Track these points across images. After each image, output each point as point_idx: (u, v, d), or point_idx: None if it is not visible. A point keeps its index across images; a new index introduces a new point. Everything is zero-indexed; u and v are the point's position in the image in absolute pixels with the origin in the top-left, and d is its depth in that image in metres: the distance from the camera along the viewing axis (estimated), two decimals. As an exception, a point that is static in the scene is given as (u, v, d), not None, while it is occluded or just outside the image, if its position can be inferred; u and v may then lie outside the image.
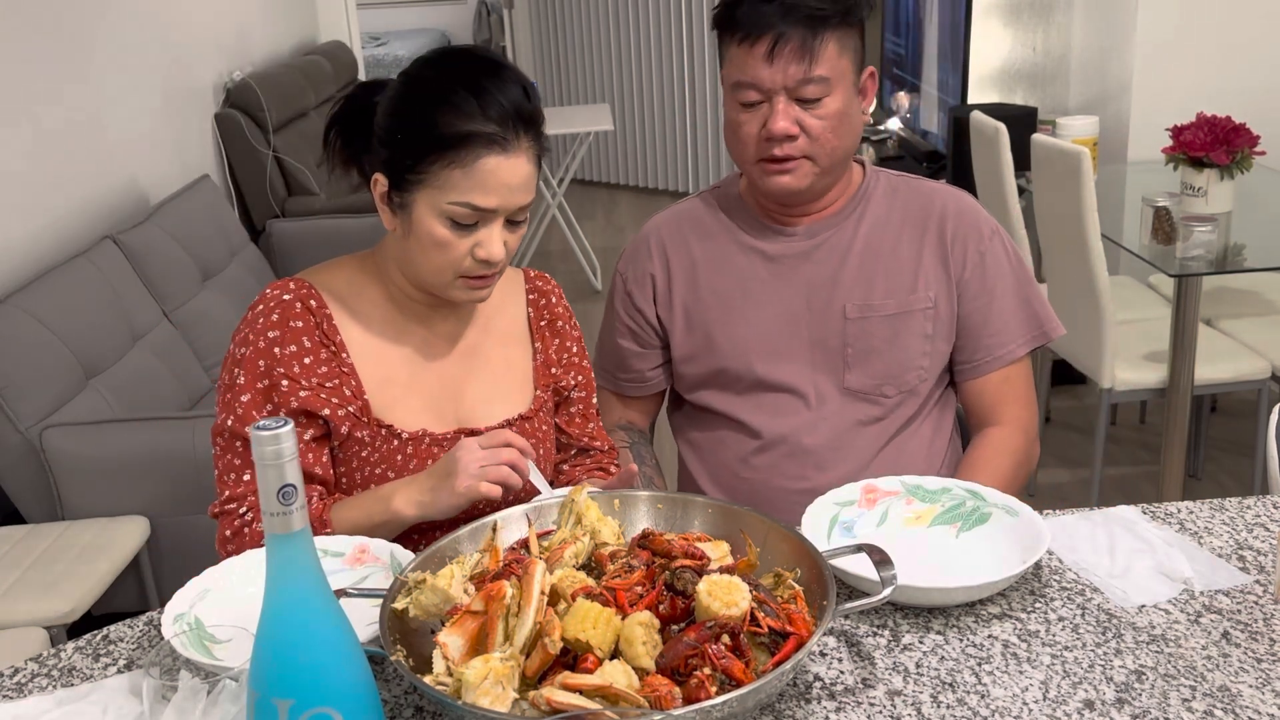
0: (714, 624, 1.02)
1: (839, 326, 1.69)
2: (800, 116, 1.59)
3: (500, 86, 1.38)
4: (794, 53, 1.56)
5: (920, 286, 1.69)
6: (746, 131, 1.63)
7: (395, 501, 1.40)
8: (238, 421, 1.43)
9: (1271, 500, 1.46)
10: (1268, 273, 3.26)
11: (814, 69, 1.57)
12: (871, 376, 1.70)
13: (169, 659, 1.02)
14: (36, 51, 3.25)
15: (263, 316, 1.45)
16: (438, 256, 1.41)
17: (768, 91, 1.59)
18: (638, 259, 1.81)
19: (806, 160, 1.62)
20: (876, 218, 1.72)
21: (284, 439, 0.85)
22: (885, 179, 1.76)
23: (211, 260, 3.77)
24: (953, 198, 1.74)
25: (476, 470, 1.35)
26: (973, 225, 1.71)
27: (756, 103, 1.60)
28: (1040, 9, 4.62)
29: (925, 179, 1.78)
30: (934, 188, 1.75)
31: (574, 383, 1.64)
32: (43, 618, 2.28)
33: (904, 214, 1.72)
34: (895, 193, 1.74)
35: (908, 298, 1.69)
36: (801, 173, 1.63)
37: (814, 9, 1.56)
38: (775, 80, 1.57)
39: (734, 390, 1.74)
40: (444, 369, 1.54)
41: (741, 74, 1.60)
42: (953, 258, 1.70)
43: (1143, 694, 1.11)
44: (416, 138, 1.38)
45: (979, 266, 1.69)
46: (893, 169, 1.81)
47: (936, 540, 1.38)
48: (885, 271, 1.69)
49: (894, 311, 1.68)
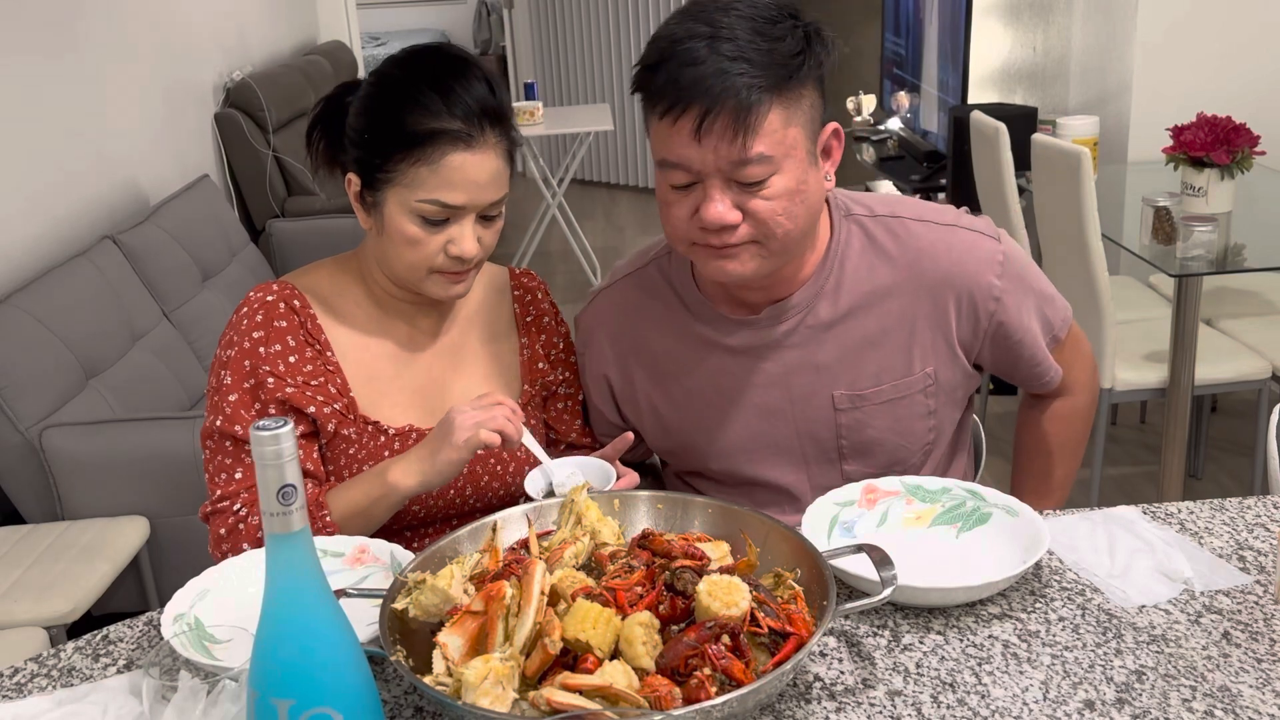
0: (714, 624, 1.02)
1: (828, 417, 1.49)
2: (740, 200, 1.32)
3: (465, 84, 1.40)
4: (725, 131, 1.27)
5: (916, 365, 1.47)
6: (676, 214, 1.35)
7: (392, 474, 1.40)
8: (226, 421, 1.44)
9: (1271, 500, 1.46)
10: (1268, 273, 3.26)
11: (751, 147, 1.28)
12: (872, 466, 1.52)
13: (169, 659, 1.02)
14: (37, 51, 3.25)
15: (247, 318, 1.46)
16: (410, 254, 1.42)
17: (698, 174, 1.31)
18: (589, 353, 1.60)
19: (753, 244, 1.35)
20: (855, 287, 1.46)
21: (284, 439, 0.85)
22: (860, 231, 1.47)
23: (211, 260, 3.77)
24: (945, 248, 1.45)
25: (473, 424, 1.35)
26: (977, 276, 1.45)
27: (687, 184, 1.33)
28: (1040, 9, 4.62)
29: (903, 216, 1.48)
30: (922, 236, 1.46)
31: (561, 379, 1.64)
32: (43, 618, 2.27)
33: (891, 278, 1.46)
34: (876, 248, 1.47)
35: (902, 380, 1.48)
36: (746, 257, 1.36)
37: (748, 78, 1.26)
38: (706, 162, 1.29)
39: (727, 484, 1.58)
40: (429, 365, 1.55)
41: (666, 152, 1.32)
42: (962, 320, 1.47)
43: (1143, 694, 1.11)
44: (384, 137, 1.40)
45: (997, 314, 1.47)
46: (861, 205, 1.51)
47: (936, 540, 1.38)
48: (874, 352, 1.47)
49: (889, 398, 1.48)
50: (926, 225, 1.48)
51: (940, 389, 1.51)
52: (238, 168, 4.66)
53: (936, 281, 1.45)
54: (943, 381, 1.50)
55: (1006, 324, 1.49)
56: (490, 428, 1.35)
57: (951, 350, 1.49)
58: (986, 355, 1.52)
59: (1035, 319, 1.52)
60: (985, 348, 1.51)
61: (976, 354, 1.52)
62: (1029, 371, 1.57)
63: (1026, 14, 4.66)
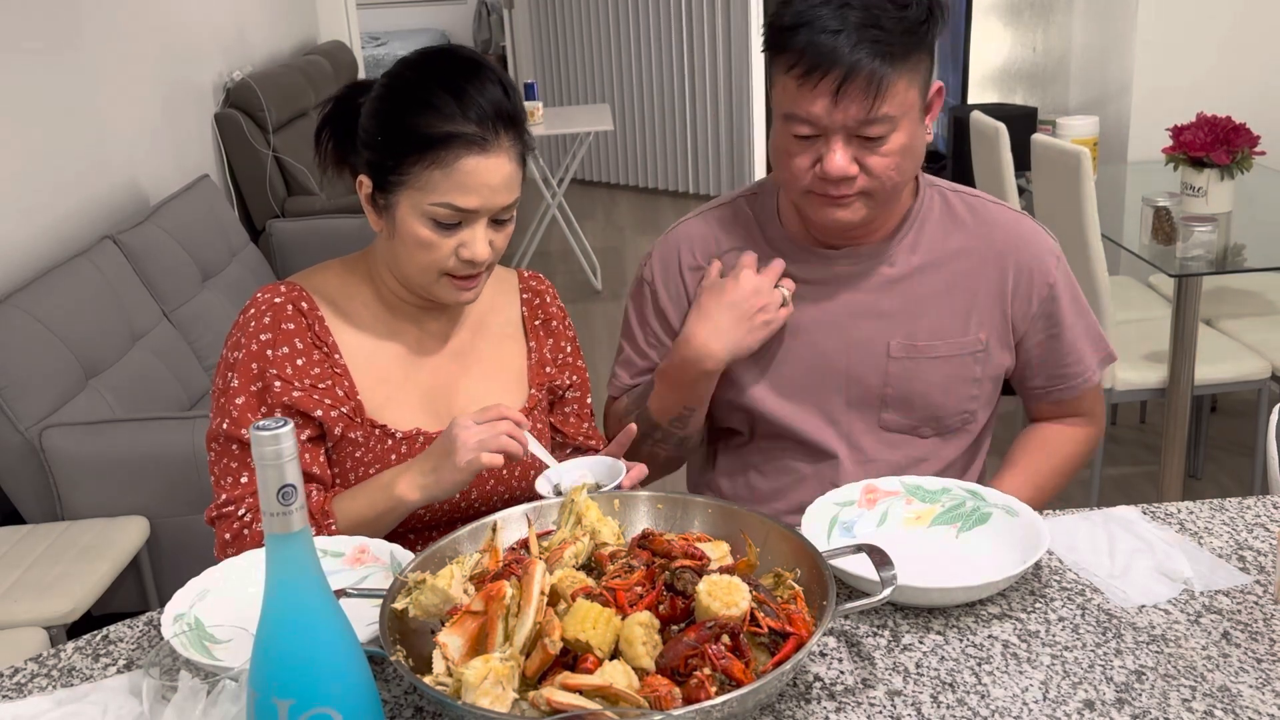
0: (714, 624, 1.02)
1: (880, 364, 1.57)
2: (860, 154, 1.42)
3: (479, 87, 1.39)
4: (857, 94, 1.37)
5: (973, 327, 1.56)
6: (797, 163, 1.45)
7: (398, 488, 1.40)
8: (232, 425, 1.43)
9: (1271, 500, 1.46)
10: (1268, 273, 3.26)
11: (879, 109, 1.38)
12: (909, 418, 1.59)
13: (169, 659, 1.02)
14: (36, 51, 3.25)
15: (254, 320, 1.45)
16: (422, 256, 1.42)
17: (824, 129, 1.41)
18: (669, 273, 1.65)
19: (864, 195, 1.46)
20: (930, 246, 1.57)
21: (284, 439, 0.85)
22: (941, 198, 1.59)
23: (211, 260, 3.77)
24: (1014, 224, 1.58)
25: (475, 443, 1.35)
26: (1038, 257, 1.57)
27: (810, 136, 1.42)
28: (1040, 9, 4.62)
29: (982, 195, 1.62)
30: (996, 213, 1.59)
31: (569, 382, 1.64)
32: (43, 618, 2.27)
33: (963, 243, 1.57)
34: (952, 215, 1.58)
35: (959, 340, 1.56)
36: (858, 206, 1.47)
37: (884, 45, 1.36)
38: (835, 120, 1.39)
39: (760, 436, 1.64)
40: (437, 368, 1.54)
41: (794, 107, 1.41)
42: (1018, 294, 1.57)
43: (1143, 694, 1.11)
44: (397, 139, 1.39)
45: (1049, 300, 1.58)
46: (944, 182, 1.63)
47: (936, 540, 1.38)
48: (936, 309, 1.56)
49: (943, 354, 1.56)
50: (1000, 207, 1.61)
51: (990, 359, 1.59)
52: (238, 168, 4.66)
53: (1003, 253, 1.57)
54: (993, 353, 1.59)
55: (1056, 313, 1.59)
56: (492, 448, 1.35)
57: (1005, 323, 1.58)
58: (1031, 340, 1.61)
59: (1080, 320, 1.62)
60: (1032, 330, 1.60)
61: (1022, 335, 1.60)
62: (1063, 368, 1.63)
63: (1026, 14, 4.67)
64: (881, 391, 1.58)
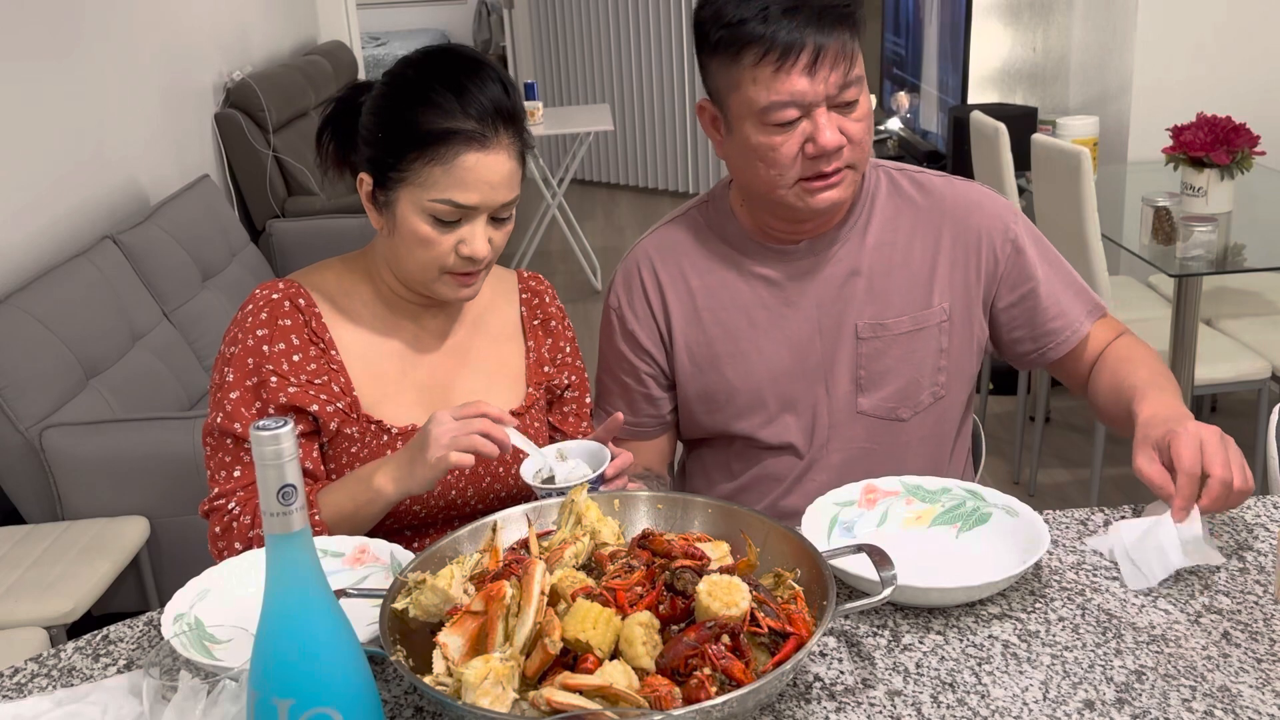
0: (714, 624, 1.02)
1: (851, 346, 1.59)
2: (841, 123, 1.45)
3: (480, 84, 1.40)
4: (835, 59, 1.41)
5: (935, 299, 1.59)
6: (785, 153, 1.46)
7: (376, 480, 1.40)
8: (226, 419, 1.44)
9: (1271, 500, 1.46)
10: (1268, 273, 3.26)
11: (853, 71, 1.43)
12: (886, 400, 1.60)
13: (169, 659, 1.02)
14: (36, 51, 3.25)
15: (251, 316, 1.47)
16: (422, 253, 1.43)
17: (808, 106, 1.43)
18: (632, 293, 1.65)
19: (848, 169, 1.48)
20: (883, 224, 1.59)
21: (284, 439, 0.85)
22: (885, 177, 1.63)
23: (211, 260, 3.77)
24: (965, 191, 1.62)
25: (447, 441, 1.34)
26: (995, 215, 1.60)
27: (793, 120, 1.44)
28: (1040, 9, 4.62)
29: (926, 171, 1.65)
30: (942, 185, 1.62)
31: (567, 382, 1.64)
32: (43, 618, 2.28)
33: (914, 217, 1.60)
34: (899, 192, 1.61)
35: (921, 313, 1.59)
36: (845, 183, 1.49)
37: (842, 5, 1.42)
38: (818, 92, 1.42)
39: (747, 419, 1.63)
40: (434, 365, 1.55)
41: (773, 94, 1.42)
42: (981, 258, 1.59)
43: (1143, 694, 1.11)
44: (398, 136, 1.40)
45: (1014, 256, 1.59)
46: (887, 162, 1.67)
47: (936, 540, 1.38)
48: (897, 285, 1.58)
49: (908, 329, 1.58)
50: (945, 179, 1.65)
51: (955, 329, 1.60)
52: (238, 168, 4.66)
53: (957, 220, 1.59)
54: (957, 321, 1.60)
55: (1024, 265, 1.60)
56: (463, 446, 1.34)
57: (968, 290, 1.60)
58: (1004, 300, 1.61)
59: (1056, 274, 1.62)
60: (1004, 290, 1.61)
61: (994, 296, 1.61)
62: (1047, 323, 1.61)
63: (1026, 14, 4.66)
64: (855, 375, 1.60)
